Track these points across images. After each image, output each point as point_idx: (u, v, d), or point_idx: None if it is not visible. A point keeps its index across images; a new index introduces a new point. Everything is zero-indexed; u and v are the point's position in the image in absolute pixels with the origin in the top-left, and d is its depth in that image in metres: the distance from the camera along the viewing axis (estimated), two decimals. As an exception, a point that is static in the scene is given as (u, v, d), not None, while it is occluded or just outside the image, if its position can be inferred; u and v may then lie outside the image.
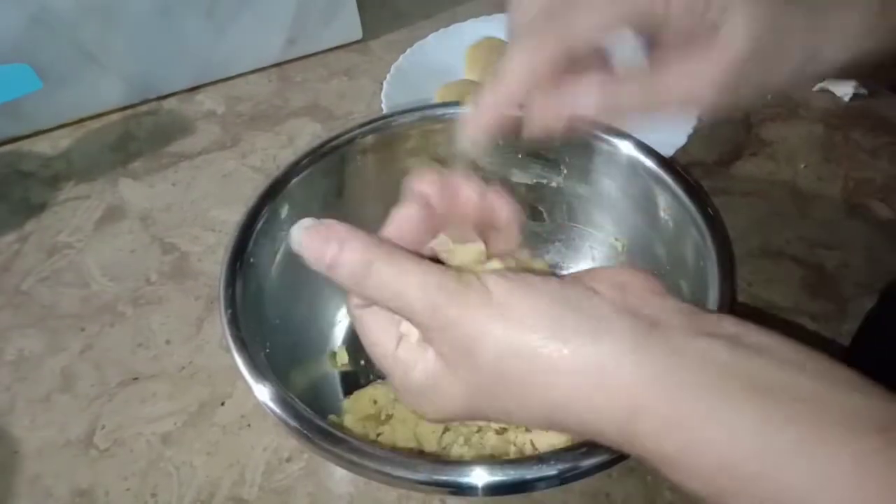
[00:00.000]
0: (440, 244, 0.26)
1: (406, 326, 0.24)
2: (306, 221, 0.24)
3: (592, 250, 0.46)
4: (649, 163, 0.40)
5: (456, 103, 0.43)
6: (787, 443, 0.18)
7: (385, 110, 0.56)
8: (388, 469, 0.29)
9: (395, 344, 0.24)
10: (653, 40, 0.26)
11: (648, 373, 0.20)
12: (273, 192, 0.40)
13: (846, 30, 0.26)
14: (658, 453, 0.20)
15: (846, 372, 0.20)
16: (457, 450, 0.36)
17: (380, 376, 0.43)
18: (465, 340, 0.22)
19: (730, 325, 0.22)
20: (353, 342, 0.45)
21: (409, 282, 0.22)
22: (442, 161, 0.42)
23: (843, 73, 0.30)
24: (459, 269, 0.24)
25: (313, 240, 0.23)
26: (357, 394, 0.40)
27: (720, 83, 0.25)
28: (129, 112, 0.64)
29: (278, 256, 0.40)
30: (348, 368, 0.43)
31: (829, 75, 0.30)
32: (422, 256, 0.24)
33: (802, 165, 0.55)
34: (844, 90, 0.60)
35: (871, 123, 0.58)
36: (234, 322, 0.34)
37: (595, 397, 0.21)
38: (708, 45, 0.25)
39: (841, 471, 0.18)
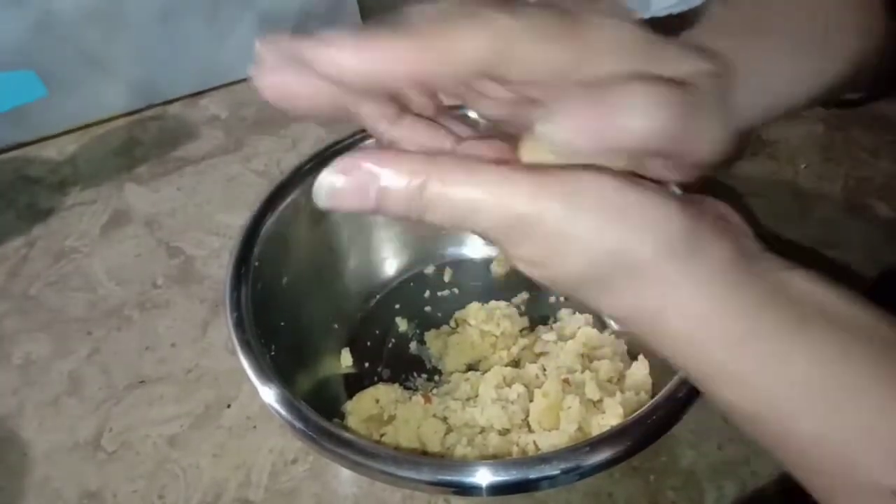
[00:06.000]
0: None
1: None
2: (328, 171, 0.20)
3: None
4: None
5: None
6: (851, 375, 0.19)
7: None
8: (392, 469, 0.29)
9: None
10: None
11: (732, 295, 0.20)
12: (277, 197, 0.41)
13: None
14: (723, 366, 0.20)
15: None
16: (460, 450, 0.36)
17: (382, 378, 0.43)
18: (553, 245, 0.20)
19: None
20: (357, 344, 0.45)
21: (481, 190, 0.19)
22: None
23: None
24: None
25: (347, 182, 0.19)
26: (360, 395, 0.40)
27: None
28: (133, 117, 0.65)
29: (283, 260, 0.41)
30: (352, 370, 0.44)
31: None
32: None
33: (803, 165, 0.55)
34: (845, 90, 0.60)
35: (871, 122, 0.58)
36: (240, 325, 0.35)
37: (673, 307, 0.20)
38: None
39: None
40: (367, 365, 0.44)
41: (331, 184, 0.20)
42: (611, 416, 0.36)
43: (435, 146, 0.23)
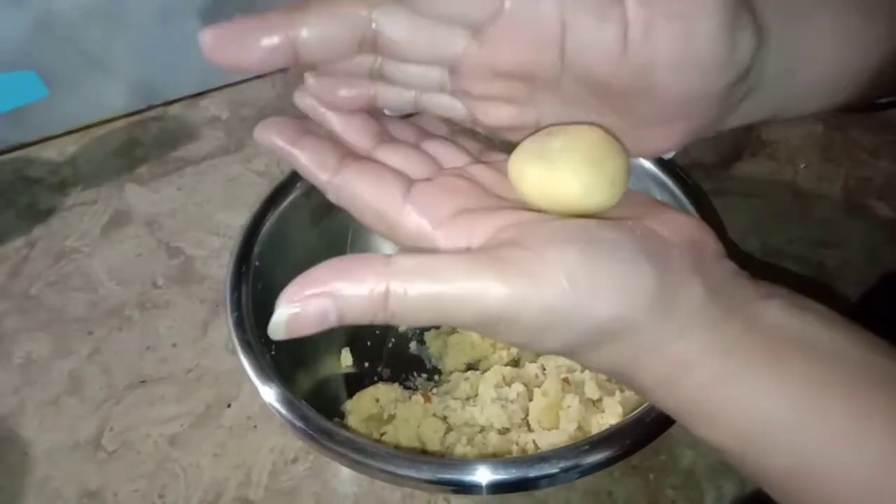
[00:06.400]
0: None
1: None
2: (283, 306, 0.19)
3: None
4: (648, 164, 0.40)
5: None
6: (825, 404, 0.19)
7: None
8: (392, 468, 0.29)
9: None
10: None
11: (706, 337, 0.20)
12: (277, 196, 0.41)
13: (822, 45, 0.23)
14: (698, 406, 0.21)
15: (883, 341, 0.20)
16: (460, 449, 0.36)
17: (382, 378, 0.43)
18: (533, 331, 0.20)
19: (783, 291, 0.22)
20: (357, 344, 0.45)
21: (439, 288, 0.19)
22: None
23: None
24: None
25: (306, 311, 0.19)
26: (360, 394, 0.40)
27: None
28: (134, 118, 0.65)
29: (283, 259, 0.41)
30: (352, 370, 0.44)
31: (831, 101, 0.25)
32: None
33: (802, 165, 0.55)
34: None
35: (870, 122, 0.58)
36: (241, 325, 0.35)
37: (651, 357, 0.20)
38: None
39: (877, 435, 0.18)
40: (367, 364, 0.44)
41: (289, 317, 0.19)
42: (610, 415, 0.36)
43: (383, 190, 0.24)
